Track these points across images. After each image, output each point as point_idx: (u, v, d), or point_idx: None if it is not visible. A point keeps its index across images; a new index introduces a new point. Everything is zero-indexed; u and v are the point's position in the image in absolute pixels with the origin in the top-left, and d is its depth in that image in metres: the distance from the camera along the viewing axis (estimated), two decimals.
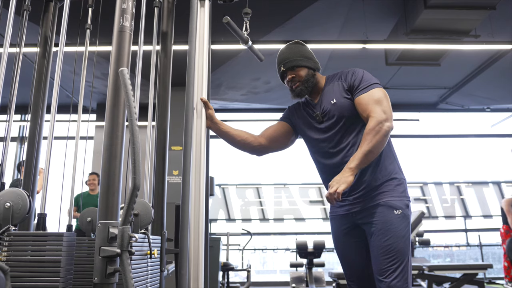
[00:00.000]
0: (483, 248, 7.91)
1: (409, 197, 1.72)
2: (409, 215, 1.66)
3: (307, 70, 1.82)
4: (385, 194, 1.66)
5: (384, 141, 1.63)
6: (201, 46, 1.78)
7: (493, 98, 7.57)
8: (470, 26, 4.77)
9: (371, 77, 1.76)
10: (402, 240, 1.60)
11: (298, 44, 1.89)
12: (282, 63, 1.85)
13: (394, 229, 1.61)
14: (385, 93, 1.72)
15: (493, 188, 8.51)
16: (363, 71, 1.78)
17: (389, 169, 1.71)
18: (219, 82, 6.44)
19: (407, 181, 1.76)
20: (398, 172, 1.73)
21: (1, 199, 1.32)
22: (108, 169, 1.27)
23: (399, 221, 1.62)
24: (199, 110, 1.74)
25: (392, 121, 1.66)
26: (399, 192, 1.68)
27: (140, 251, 1.47)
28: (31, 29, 2.11)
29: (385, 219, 1.63)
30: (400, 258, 1.59)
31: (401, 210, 1.64)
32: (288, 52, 1.85)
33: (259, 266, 8.28)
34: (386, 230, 1.61)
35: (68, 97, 5.96)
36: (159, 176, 1.83)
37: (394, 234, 1.60)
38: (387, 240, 1.60)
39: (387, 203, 1.65)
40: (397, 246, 1.59)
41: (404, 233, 1.62)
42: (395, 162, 1.75)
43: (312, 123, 1.83)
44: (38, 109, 1.93)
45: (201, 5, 1.81)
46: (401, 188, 1.70)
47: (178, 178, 5.22)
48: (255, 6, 2.02)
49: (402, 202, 1.66)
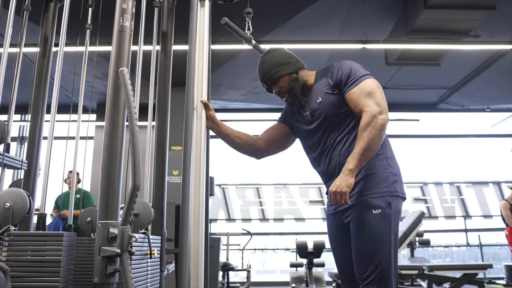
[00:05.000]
0: (483, 248, 7.90)
1: (398, 193, 1.57)
2: (391, 214, 1.52)
3: (288, 77, 1.73)
4: (364, 191, 1.56)
5: (381, 135, 1.52)
6: (201, 46, 1.78)
7: (493, 98, 7.57)
8: (470, 26, 4.77)
9: (359, 69, 1.65)
10: (380, 241, 1.50)
11: (270, 54, 1.79)
12: (262, 82, 1.79)
13: (369, 230, 1.51)
14: (377, 84, 1.61)
15: (493, 188, 8.51)
16: (350, 64, 1.67)
17: (371, 163, 1.58)
18: (219, 82, 6.44)
19: (407, 181, 1.70)
20: (384, 166, 1.60)
21: (1, 199, 1.32)
22: (108, 169, 1.27)
23: (377, 221, 1.51)
24: (199, 111, 1.74)
25: (387, 112, 1.54)
26: (381, 188, 1.55)
27: (140, 251, 1.47)
28: (31, 29, 2.11)
29: (362, 219, 1.53)
30: (376, 262, 1.48)
31: (381, 209, 1.51)
32: (263, 68, 1.77)
33: (259, 266, 8.27)
34: (362, 231, 1.53)
35: (68, 97, 5.96)
36: (159, 176, 1.83)
37: (370, 235, 1.51)
38: (362, 242, 1.52)
39: (365, 201, 1.54)
40: (373, 248, 1.49)
41: (382, 234, 1.50)
42: (383, 155, 1.62)
43: (303, 123, 1.76)
44: (38, 109, 1.93)
45: (201, 5, 1.81)
46: (384, 183, 1.56)
47: (178, 178, 5.22)
48: (255, 6, 2.02)
49: (383, 200, 1.53)
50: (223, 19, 1.82)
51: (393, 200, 1.55)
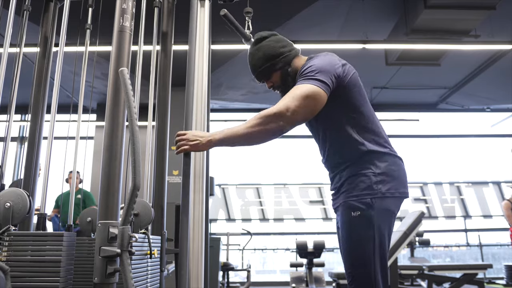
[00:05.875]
0: (483, 248, 7.91)
1: (383, 193, 1.47)
2: (372, 216, 1.44)
3: (280, 72, 1.63)
4: (345, 193, 1.51)
5: (266, 139, 1.44)
6: (201, 46, 1.78)
7: (493, 98, 7.57)
8: (470, 26, 4.77)
9: (311, 71, 1.48)
10: (360, 245, 1.45)
11: (260, 44, 1.66)
12: (254, 75, 1.71)
13: (350, 232, 1.48)
14: (308, 90, 1.42)
15: (493, 188, 8.51)
16: (313, 63, 1.52)
17: (355, 164, 1.52)
18: (219, 82, 6.44)
19: (407, 181, 1.66)
20: (367, 166, 1.51)
21: (1, 199, 1.32)
22: (108, 169, 1.27)
23: (356, 223, 1.46)
24: (199, 111, 1.73)
25: (291, 122, 1.40)
26: (361, 189, 1.48)
27: (140, 251, 1.47)
28: (31, 29, 2.11)
29: (343, 222, 1.51)
30: (358, 264, 1.44)
31: (360, 211, 1.45)
32: (252, 62, 1.68)
33: (259, 266, 8.27)
34: (343, 233, 1.50)
35: (68, 97, 5.96)
36: (159, 176, 1.83)
37: (351, 237, 1.47)
38: (344, 245, 1.50)
39: (346, 203, 1.50)
40: (354, 251, 1.46)
41: (362, 236, 1.45)
42: (370, 154, 1.52)
43: None
44: (38, 109, 1.93)
45: (201, 5, 1.81)
46: (364, 184, 1.48)
47: (178, 178, 5.22)
48: (255, 6, 2.02)
49: (362, 201, 1.46)
50: (222, 10, 1.81)
51: (376, 201, 1.46)
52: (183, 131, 1.52)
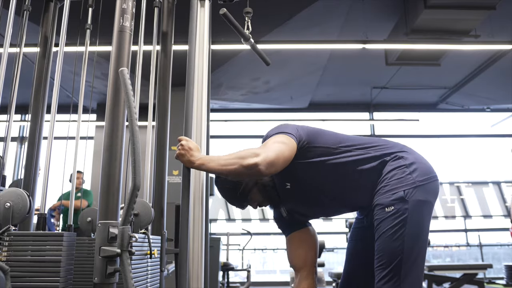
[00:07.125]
0: (483, 248, 7.91)
1: (416, 183, 1.48)
2: (406, 209, 1.45)
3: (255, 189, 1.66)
4: (379, 195, 1.53)
5: (239, 175, 1.52)
6: (201, 46, 1.78)
7: (493, 98, 7.57)
8: (470, 26, 4.78)
9: (273, 131, 1.59)
10: (391, 240, 1.45)
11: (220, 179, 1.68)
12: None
13: (383, 230, 1.48)
14: (281, 141, 1.50)
15: (493, 188, 8.51)
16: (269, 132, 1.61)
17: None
18: (219, 82, 6.44)
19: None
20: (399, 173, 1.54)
21: (1, 199, 1.32)
22: (108, 169, 1.27)
23: (390, 220, 1.46)
24: (199, 111, 1.73)
25: (263, 165, 1.41)
26: (391, 186, 1.50)
27: (140, 251, 1.47)
28: (31, 29, 2.10)
29: (376, 220, 1.52)
30: (388, 260, 1.45)
31: (393, 206, 1.46)
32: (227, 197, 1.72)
33: (259, 266, 8.27)
34: (378, 232, 1.50)
35: (68, 97, 5.95)
36: (159, 176, 1.83)
37: (384, 234, 1.47)
38: (376, 241, 1.51)
39: (379, 201, 1.52)
40: (386, 246, 1.46)
41: (394, 232, 1.45)
42: (377, 166, 1.56)
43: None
44: (38, 109, 1.93)
45: (201, 5, 1.81)
46: (393, 185, 1.50)
47: (178, 178, 5.22)
48: (255, 6, 2.02)
49: (395, 195, 1.47)
50: (222, 10, 1.81)
51: (412, 192, 1.47)
52: (187, 139, 1.53)
